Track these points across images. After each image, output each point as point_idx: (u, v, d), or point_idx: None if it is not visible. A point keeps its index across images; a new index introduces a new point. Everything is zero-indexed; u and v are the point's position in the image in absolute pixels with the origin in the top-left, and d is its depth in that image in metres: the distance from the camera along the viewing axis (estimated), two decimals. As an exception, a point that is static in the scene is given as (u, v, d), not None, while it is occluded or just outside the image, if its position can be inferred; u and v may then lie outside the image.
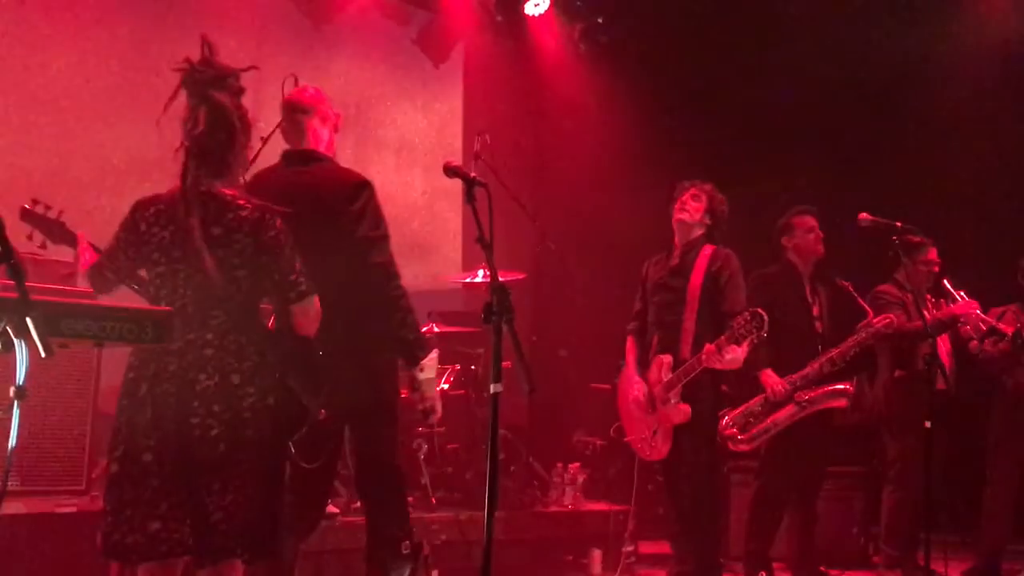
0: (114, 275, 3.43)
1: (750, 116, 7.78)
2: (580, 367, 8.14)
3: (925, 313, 5.75)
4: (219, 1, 7.24)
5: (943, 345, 5.99)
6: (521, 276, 6.68)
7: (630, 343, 5.42)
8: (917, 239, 5.80)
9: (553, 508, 6.23)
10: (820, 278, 5.87)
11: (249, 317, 3.31)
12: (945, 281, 6.03)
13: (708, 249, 5.19)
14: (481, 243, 3.48)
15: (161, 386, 3.16)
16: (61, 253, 3.82)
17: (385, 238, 4.06)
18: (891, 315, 5.65)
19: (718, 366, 4.87)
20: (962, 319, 5.88)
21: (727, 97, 8.00)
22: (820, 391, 5.49)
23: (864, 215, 5.43)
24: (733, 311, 4.95)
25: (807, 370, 5.49)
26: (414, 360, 3.98)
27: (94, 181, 6.54)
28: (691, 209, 5.22)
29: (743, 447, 5.55)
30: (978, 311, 5.88)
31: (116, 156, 6.67)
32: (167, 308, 3.12)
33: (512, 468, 6.22)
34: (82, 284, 3.64)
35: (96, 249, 3.57)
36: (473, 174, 3.70)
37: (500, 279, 3.41)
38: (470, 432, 6.15)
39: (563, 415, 7.89)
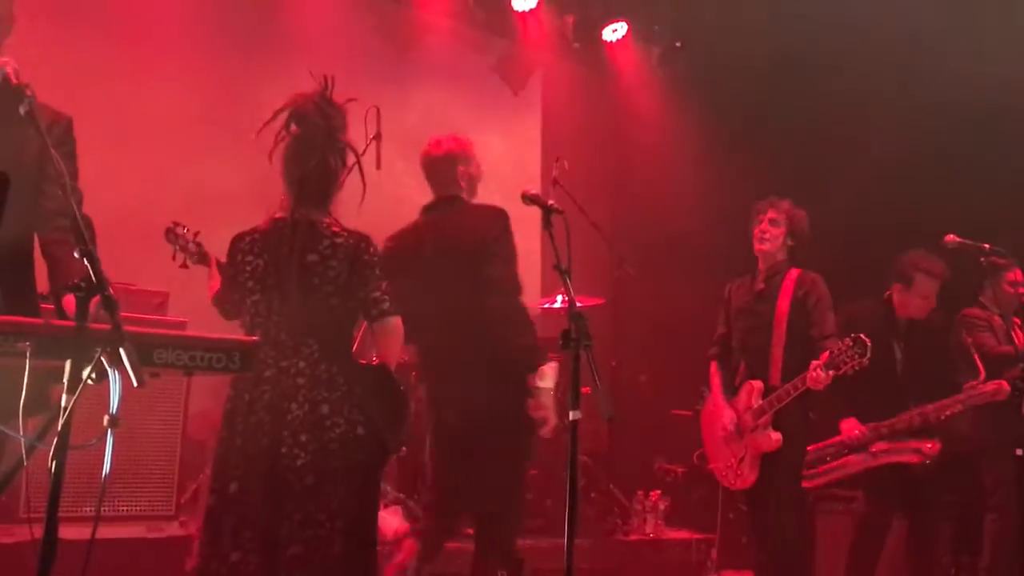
0: (232, 305, 3.55)
1: (826, 136, 7.67)
2: (660, 393, 8.08)
3: (1014, 335, 5.61)
4: (305, 33, 7.38)
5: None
6: (600, 301, 6.68)
7: (714, 368, 5.32)
8: (1003, 260, 5.66)
9: (634, 536, 6.19)
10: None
11: (340, 347, 3.38)
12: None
13: (794, 273, 5.09)
14: (558, 269, 3.51)
15: (256, 415, 3.21)
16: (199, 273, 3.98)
17: (514, 256, 4.14)
18: (1003, 383, 5.37)
19: (821, 388, 4.75)
20: None
21: (804, 119, 7.90)
22: (899, 444, 5.38)
23: (951, 236, 5.33)
24: (823, 335, 4.88)
25: (896, 421, 5.38)
26: (533, 366, 3.96)
27: (184, 211, 6.72)
28: (771, 237, 5.11)
29: (805, 483, 5.39)
30: None
31: (205, 188, 6.84)
32: (253, 338, 3.19)
33: (592, 495, 6.21)
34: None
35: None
36: (550, 201, 3.74)
37: (578, 305, 3.42)
38: (550, 458, 6.14)
39: (644, 441, 7.83)
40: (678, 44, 8.80)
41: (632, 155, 9.20)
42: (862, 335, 4.62)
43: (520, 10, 8.29)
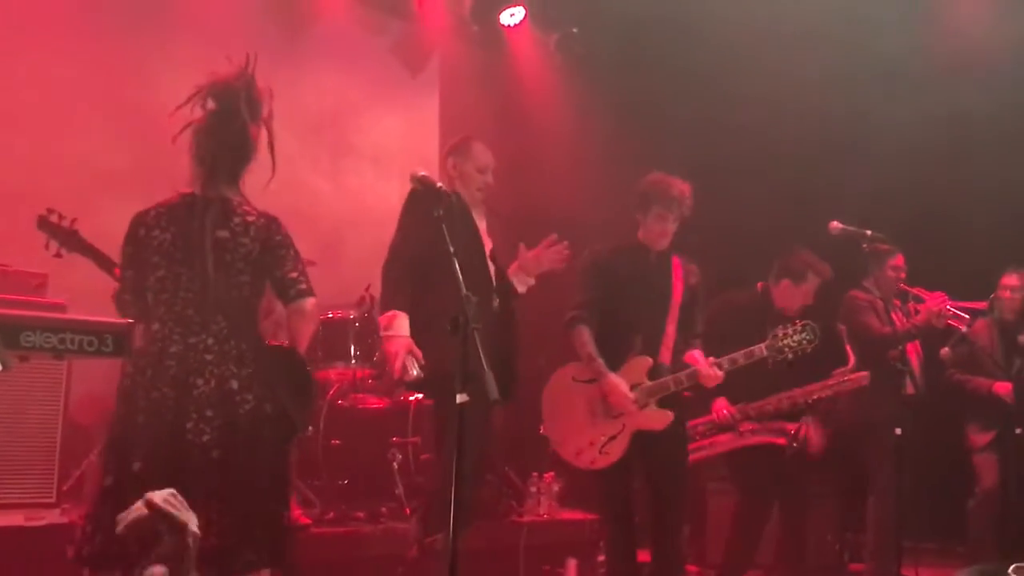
0: (131, 295, 3.42)
1: (724, 124, 7.80)
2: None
3: (895, 317, 5.80)
4: (192, 12, 7.22)
5: (913, 350, 6.03)
6: (497, 284, 6.66)
7: (587, 335, 4.92)
8: (886, 246, 5.83)
9: (528, 517, 6.22)
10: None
11: (249, 323, 3.36)
12: (903, 286, 6.06)
13: (677, 259, 5.11)
14: (447, 252, 3.49)
15: (159, 390, 3.16)
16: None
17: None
18: (866, 372, 5.60)
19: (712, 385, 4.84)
20: (935, 318, 5.81)
21: (701, 106, 8.02)
22: (767, 425, 5.55)
23: (835, 223, 5.45)
24: (696, 333, 5.02)
25: (764, 403, 5.53)
26: None
27: (66, 190, 6.53)
28: (670, 233, 5.02)
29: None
30: (948, 304, 5.81)
31: (88, 167, 6.65)
32: (128, 320, 3.13)
33: (487, 477, 6.20)
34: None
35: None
36: (440, 184, 3.72)
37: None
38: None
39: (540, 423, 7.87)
40: (575, 30, 8.83)
41: (530, 139, 9.21)
42: (810, 321, 4.82)
43: (417, -9, 8.23)
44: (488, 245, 4.74)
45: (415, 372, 4.11)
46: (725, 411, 5.52)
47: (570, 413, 4.96)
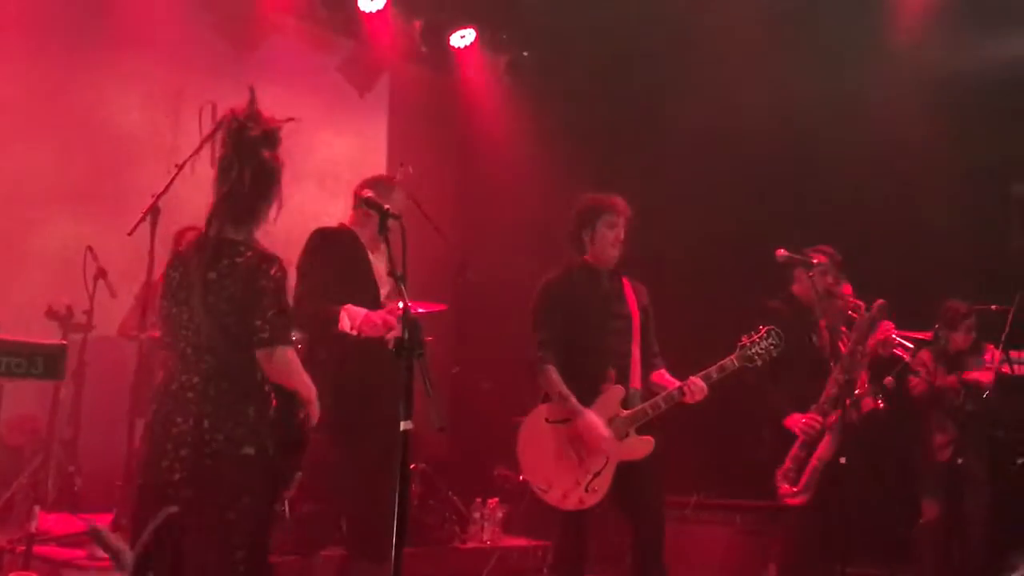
0: (161, 331, 3.57)
1: (674, 147, 7.85)
2: (503, 400, 8.08)
3: (839, 346, 5.81)
4: (137, 26, 7.12)
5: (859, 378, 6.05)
6: (443, 308, 6.63)
7: (555, 374, 4.68)
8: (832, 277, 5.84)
9: (471, 544, 6.15)
10: None
11: (238, 365, 3.30)
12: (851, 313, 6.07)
13: (626, 280, 4.99)
14: (393, 275, 3.44)
15: (152, 428, 3.27)
16: None
17: None
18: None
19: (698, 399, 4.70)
20: (881, 347, 5.81)
21: (651, 129, 8.06)
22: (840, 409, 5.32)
23: (781, 251, 5.44)
24: (656, 352, 4.91)
25: (827, 392, 5.30)
26: None
27: (13, 206, 6.43)
28: (621, 243, 4.88)
29: (800, 499, 5.20)
30: (895, 332, 5.82)
31: (26, 181, 6.52)
32: (61, 342, 3.06)
33: (431, 503, 6.13)
34: None
35: None
36: (386, 205, 3.67)
37: (419, 311, 3.37)
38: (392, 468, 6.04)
39: (484, 448, 7.81)
40: (525, 53, 8.85)
41: (478, 161, 9.21)
42: (774, 327, 4.78)
43: (367, 11, 8.17)
44: (384, 287, 4.63)
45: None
46: (808, 421, 5.25)
47: (549, 456, 4.66)
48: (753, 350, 4.80)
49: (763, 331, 4.83)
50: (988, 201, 7.00)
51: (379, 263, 4.63)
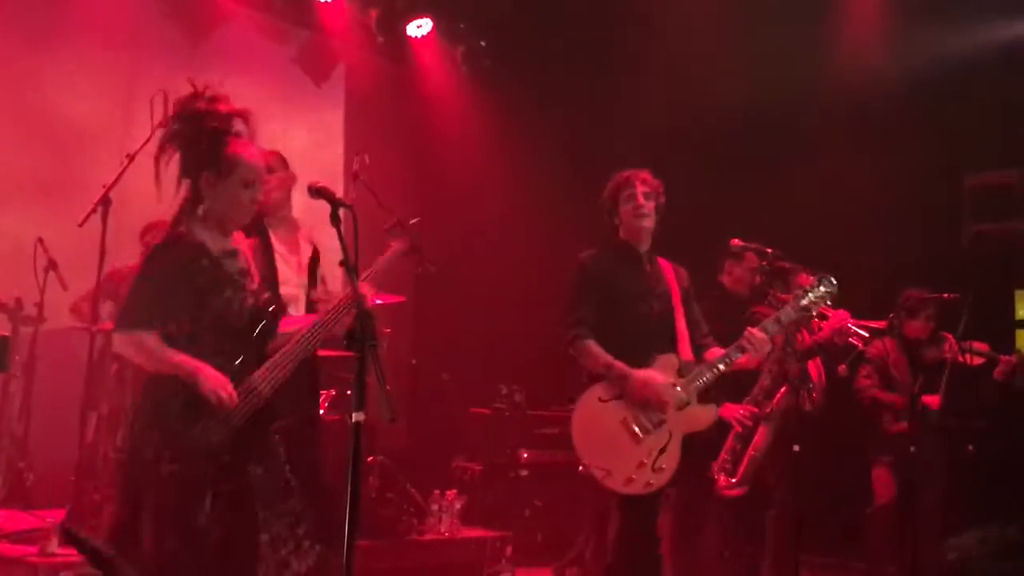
0: None
1: (632, 135, 7.86)
2: (462, 391, 8.07)
3: (798, 336, 5.85)
4: (90, 15, 7.02)
5: (813, 366, 6.08)
6: (401, 299, 6.58)
7: (598, 347, 4.36)
8: (788, 265, 5.88)
9: (429, 536, 6.12)
10: None
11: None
12: None
13: (663, 260, 4.77)
14: (345, 266, 3.39)
15: None
16: None
17: None
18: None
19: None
20: (837, 335, 5.85)
21: (610, 117, 8.07)
22: (778, 395, 5.40)
23: (736, 240, 5.47)
24: (706, 333, 4.70)
25: (761, 383, 5.37)
26: None
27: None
28: (649, 211, 4.58)
29: (738, 491, 5.22)
30: (850, 322, 5.86)
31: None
32: (2, 334, 3.02)
33: (388, 495, 6.09)
34: None
35: None
36: (339, 195, 3.62)
37: (376, 302, 3.35)
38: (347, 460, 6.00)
39: (443, 440, 7.81)
40: (482, 43, 8.82)
41: (436, 151, 9.17)
42: (825, 275, 4.59)
43: (322, 1, 8.11)
44: (301, 275, 4.63)
45: None
46: (742, 411, 5.29)
47: (607, 438, 4.27)
48: (806, 299, 4.56)
49: (814, 279, 4.64)
50: (941, 192, 7.06)
51: (303, 252, 4.68)
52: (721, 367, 4.36)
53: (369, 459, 5.84)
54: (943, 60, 6.92)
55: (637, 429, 4.27)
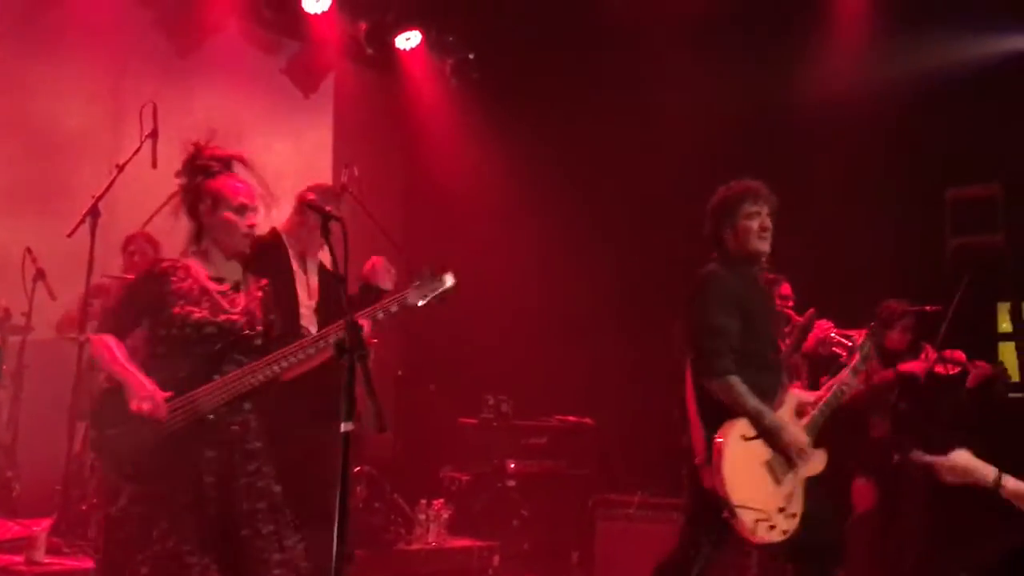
0: None
1: (619, 148, 7.92)
2: (449, 402, 8.09)
3: (781, 345, 5.89)
4: (79, 25, 7.04)
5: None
6: (388, 310, 6.60)
7: (742, 386, 4.03)
8: (772, 275, 5.93)
9: (416, 546, 6.15)
10: None
11: None
12: (789, 313, 6.16)
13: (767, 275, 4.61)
14: (335, 278, 3.43)
15: None
16: None
17: None
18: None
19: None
20: (821, 345, 5.90)
21: (597, 129, 8.12)
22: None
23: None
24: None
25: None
26: None
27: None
28: (770, 227, 4.34)
29: None
30: (834, 331, 5.90)
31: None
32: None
33: (376, 505, 6.12)
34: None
35: None
36: (328, 208, 3.67)
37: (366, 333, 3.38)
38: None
39: (430, 450, 7.83)
40: (471, 55, 8.87)
41: (424, 163, 9.20)
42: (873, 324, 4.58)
43: (312, 13, 8.14)
44: (312, 298, 4.65)
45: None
46: None
47: (756, 480, 4.04)
48: (865, 350, 4.53)
49: (865, 332, 4.62)
50: (923, 204, 7.13)
51: (310, 273, 4.65)
52: (826, 410, 4.29)
53: (356, 469, 5.86)
54: (923, 74, 6.99)
55: (779, 472, 4.09)
